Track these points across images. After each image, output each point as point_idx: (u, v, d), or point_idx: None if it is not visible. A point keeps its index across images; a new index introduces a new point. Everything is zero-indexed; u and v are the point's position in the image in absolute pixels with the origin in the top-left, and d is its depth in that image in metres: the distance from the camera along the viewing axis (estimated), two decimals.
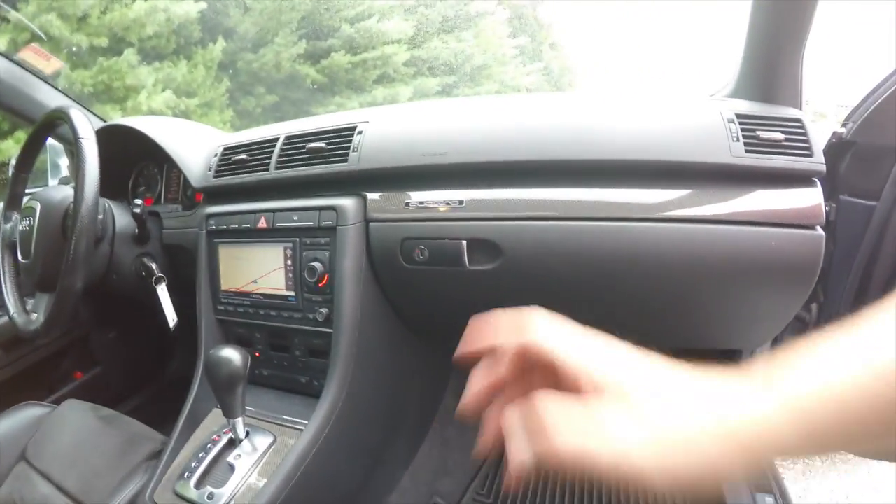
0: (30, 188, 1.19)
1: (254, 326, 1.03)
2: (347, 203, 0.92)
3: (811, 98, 0.87)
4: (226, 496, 0.80)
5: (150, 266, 1.17)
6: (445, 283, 0.95)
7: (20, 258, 1.09)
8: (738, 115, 0.81)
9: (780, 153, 0.77)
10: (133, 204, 1.14)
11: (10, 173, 1.18)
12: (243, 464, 0.84)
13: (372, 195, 0.94)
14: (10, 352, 1.31)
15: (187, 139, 1.23)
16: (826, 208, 0.76)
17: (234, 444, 0.87)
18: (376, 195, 0.93)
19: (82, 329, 1.50)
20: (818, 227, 0.76)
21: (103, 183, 0.96)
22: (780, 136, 0.78)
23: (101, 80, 5.66)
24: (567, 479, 1.32)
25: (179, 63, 6.22)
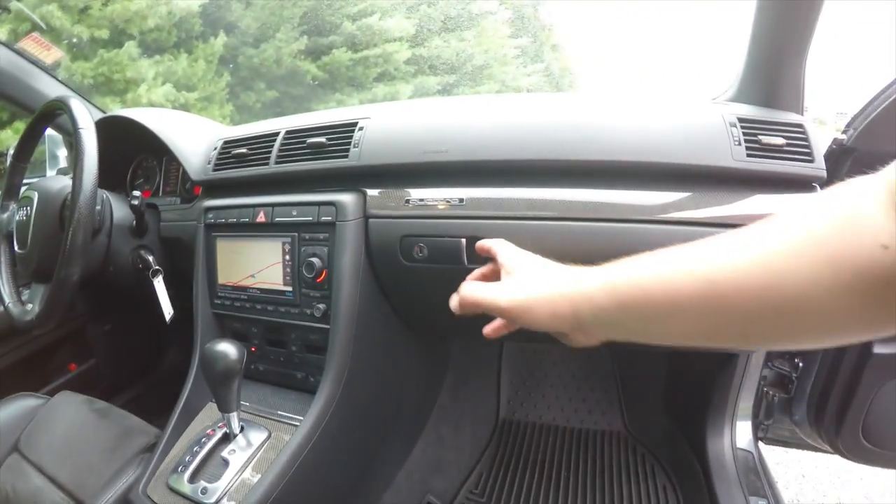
0: (27, 179, 1.19)
1: (250, 321, 1.03)
2: (347, 199, 0.92)
3: (810, 105, 0.87)
4: (219, 491, 0.80)
5: (147, 258, 1.17)
6: (444, 281, 0.93)
7: (16, 248, 1.08)
8: (741, 120, 0.81)
9: (781, 158, 0.78)
10: (131, 196, 1.14)
11: (8, 163, 1.18)
12: (237, 459, 0.84)
13: (372, 191, 0.93)
14: (4, 342, 1.31)
15: (187, 132, 1.23)
16: None
17: (228, 438, 0.87)
18: (376, 192, 0.93)
19: (78, 321, 1.49)
20: None
21: (101, 174, 0.96)
22: (781, 141, 0.78)
23: (102, 72, 5.64)
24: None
25: (180, 56, 6.20)
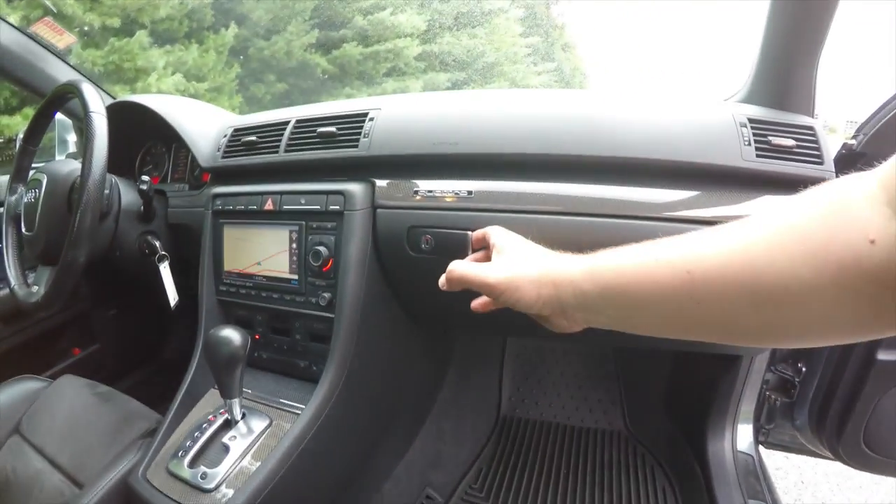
0: (37, 163, 1.19)
1: (255, 308, 1.03)
2: (356, 188, 0.91)
3: (820, 112, 0.86)
4: (219, 476, 0.80)
5: (153, 244, 1.17)
6: None
7: (24, 230, 1.09)
8: (751, 120, 0.80)
9: (790, 159, 0.77)
10: (140, 181, 1.14)
11: (18, 145, 1.18)
12: (238, 445, 0.84)
13: (380, 182, 0.93)
14: (9, 325, 1.31)
15: (197, 118, 1.23)
16: None
17: (229, 425, 0.87)
18: (385, 182, 0.93)
19: (83, 306, 1.50)
20: None
21: (111, 160, 0.96)
22: (791, 143, 0.77)
23: (112, 60, 5.67)
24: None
25: (191, 47, 6.22)
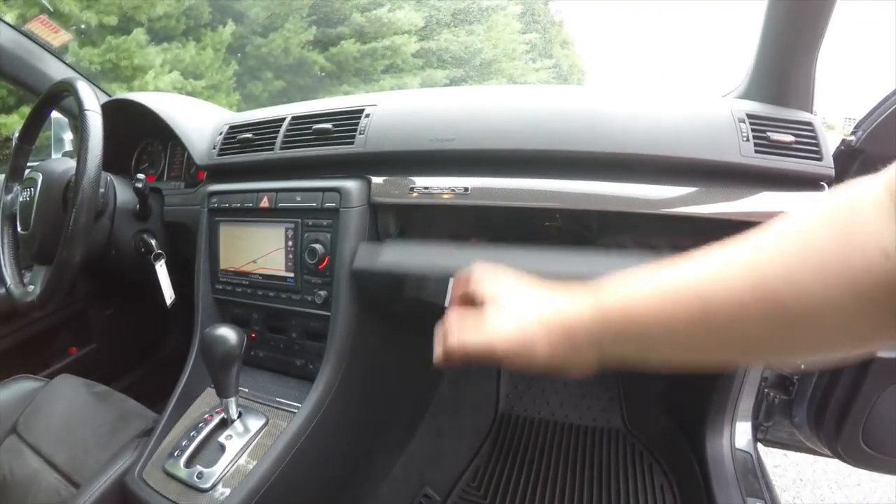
0: (33, 162, 1.18)
1: (251, 307, 1.02)
2: (351, 185, 0.91)
3: (819, 110, 0.86)
4: (215, 476, 0.79)
5: (149, 242, 1.16)
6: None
7: (19, 230, 1.08)
8: (749, 116, 0.80)
9: (789, 155, 0.77)
10: (135, 179, 1.14)
11: (13, 144, 1.17)
12: (234, 444, 0.84)
13: (377, 179, 0.93)
14: (5, 324, 1.31)
15: (193, 116, 1.22)
16: None
17: (226, 424, 0.87)
18: (381, 179, 0.92)
19: (79, 305, 1.49)
20: None
21: (106, 158, 0.95)
22: (790, 139, 0.77)
23: (109, 58, 5.64)
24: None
25: (188, 44, 6.19)
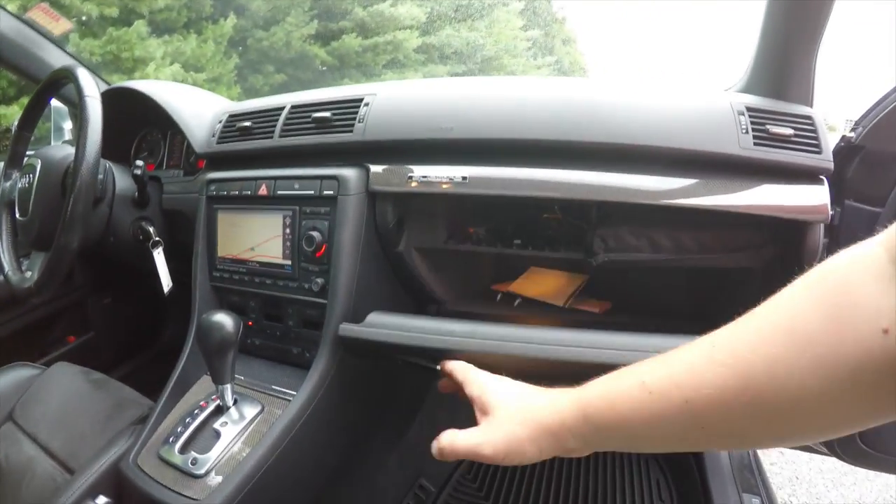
0: (32, 150, 1.18)
1: (248, 294, 1.02)
2: (350, 173, 0.91)
3: (820, 110, 0.86)
4: (210, 462, 0.79)
5: (147, 230, 1.16)
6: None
7: (18, 216, 1.08)
8: (749, 108, 0.80)
9: (789, 148, 0.77)
10: (134, 165, 1.13)
11: (13, 131, 1.17)
12: (229, 431, 0.84)
13: (375, 167, 0.92)
14: (3, 312, 1.31)
15: (193, 104, 1.22)
16: (831, 212, 0.76)
17: (221, 410, 0.87)
18: (380, 168, 0.92)
19: (78, 294, 1.49)
20: (821, 224, 0.76)
21: (106, 146, 0.95)
22: (789, 132, 0.77)
23: (110, 50, 5.64)
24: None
25: (189, 37, 6.19)
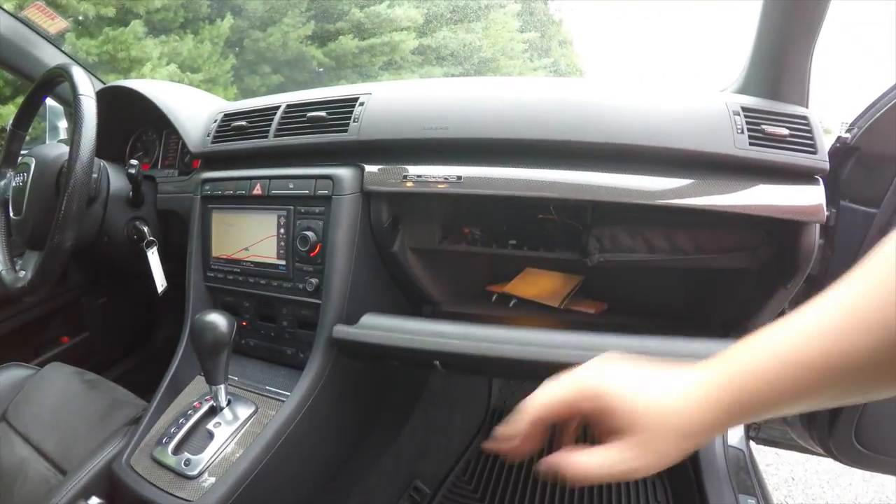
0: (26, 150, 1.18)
1: (242, 295, 1.02)
2: (344, 173, 0.90)
3: (816, 113, 0.86)
4: (203, 463, 0.79)
5: (142, 229, 1.16)
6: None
7: (12, 215, 1.08)
8: (744, 108, 0.80)
9: (784, 148, 0.77)
10: (128, 164, 1.13)
11: (8, 130, 1.17)
12: (223, 432, 0.83)
13: (370, 167, 0.92)
14: None
15: (187, 104, 1.21)
16: (826, 213, 0.76)
17: (214, 411, 0.86)
18: (374, 167, 0.92)
19: (72, 294, 1.49)
20: (816, 224, 0.76)
21: (101, 146, 0.95)
22: (785, 132, 0.77)
23: (106, 50, 5.63)
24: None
25: (186, 37, 6.18)
